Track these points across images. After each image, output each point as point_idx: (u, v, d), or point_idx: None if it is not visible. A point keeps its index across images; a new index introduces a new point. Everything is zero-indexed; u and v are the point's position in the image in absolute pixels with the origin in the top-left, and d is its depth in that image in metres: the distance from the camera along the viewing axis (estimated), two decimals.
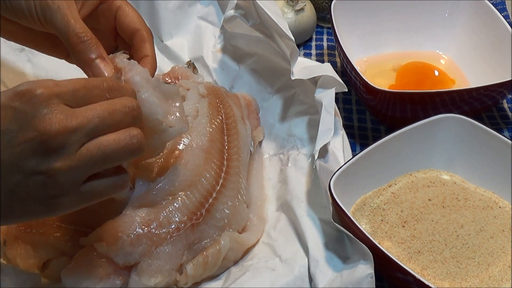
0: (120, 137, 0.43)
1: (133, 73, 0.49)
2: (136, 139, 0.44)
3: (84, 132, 0.41)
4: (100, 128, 0.42)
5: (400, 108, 0.67)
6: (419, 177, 0.63)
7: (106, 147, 0.42)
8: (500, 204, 0.61)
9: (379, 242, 0.53)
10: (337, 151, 0.60)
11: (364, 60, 0.79)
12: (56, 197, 0.42)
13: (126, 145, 0.43)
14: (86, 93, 0.43)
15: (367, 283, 0.49)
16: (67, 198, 0.42)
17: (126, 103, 0.44)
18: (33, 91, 0.40)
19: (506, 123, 0.74)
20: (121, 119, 0.43)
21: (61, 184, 0.41)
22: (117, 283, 0.51)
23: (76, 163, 0.41)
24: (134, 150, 0.44)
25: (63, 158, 0.40)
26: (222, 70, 0.76)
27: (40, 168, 0.40)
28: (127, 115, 0.44)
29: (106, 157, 0.42)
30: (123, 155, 0.43)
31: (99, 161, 0.42)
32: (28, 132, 0.40)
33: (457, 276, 0.54)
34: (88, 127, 0.41)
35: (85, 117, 0.41)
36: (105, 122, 0.42)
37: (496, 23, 0.73)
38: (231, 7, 0.72)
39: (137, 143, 0.44)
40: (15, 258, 0.54)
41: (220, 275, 0.56)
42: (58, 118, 0.40)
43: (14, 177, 0.40)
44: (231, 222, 0.56)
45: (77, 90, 0.42)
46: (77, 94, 0.42)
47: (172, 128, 0.51)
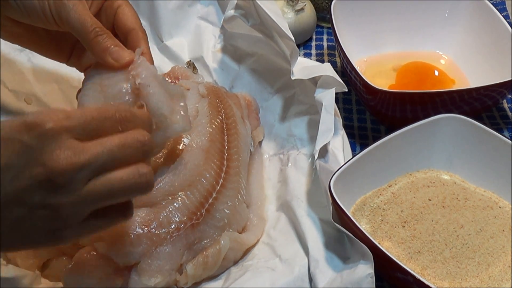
0: (129, 175, 0.42)
1: (142, 69, 0.50)
2: (145, 177, 0.43)
3: (92, 169, 0.40)
4: (109, 164, 0.41)
5: (400, 108, 0.67)
6: (419, 177, 0.63)
7: (113, 184, 0.41)
8: (500, 204, 0.61)
9: (379, 242, 0.53)
10: (337, 151, 0.60)
11: (364, 60, 0.79)
12: (59, 230, 0.41)
13: (134, 184, 0.42)
14: (98, 125, 0.42)
15: (367, 283, 0.49)
16: (70, 231, 0.42)
17: (138, 137, 0.43)
18: (43, 125, 0.39)
19: (506, 123, 0.74)
20: (132, 154, 0.42)
21: (65, 219, 0.41)
22: (117, 283, 0.51)
23: (82, 199, 0.40)
24: (142, 188, 0.43)
25: (69, 194, 0.40)
26: (222, 70, 0.76)
27: (45, 202, 0.40)
28: (138, 150, 0.43)
29: (113, 194, 0.42)
30: (130, 192, 0.43)
31: (104, 198, 0.42)
32: (35, 168, 0.39)
33: (457, 276, 0.54)
34: (96, 164, 0.40)
35: (94, 153, 0.40)
36: (114, 157, 0.41)
37: (496, 23, 0.73)
38: (231, 7, 0.72)
39: (146, 181, 0.43)
40: (15, 258, 0.54)
41: (220, 275, 0.56)
42: (66, 154, 0.39)
43: (18, 210, 0.40)
44: (231, 222, 0.56)
45: (88, 123, 0.41)
46: (87, 127, 0.41)
47: (176, 124, 0.51)
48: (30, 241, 0.42)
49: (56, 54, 0.59)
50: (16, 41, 0.57)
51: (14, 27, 0.55)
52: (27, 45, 0.58)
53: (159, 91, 0.50)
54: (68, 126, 0.40)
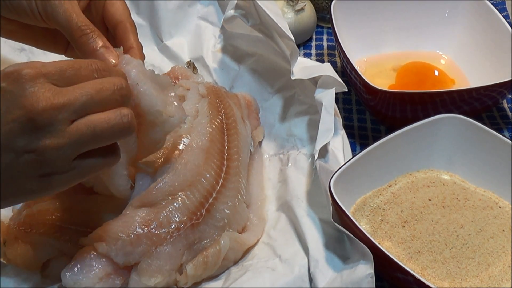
0: (110, 116, 0.43)
1: (129, 67, 0.50)
2: (127, 118, 0.44)
3: (72, 110, 0.41)
4: (88, 106, 0.42)
5: (400, 108, 0.67)
6: (419, 177, 0.63)
7: (96, 125, 0.42)
8: (500, 204, 0.61)
9: (379, 242, 0.53)
10: (337, 151, 0.60)
11: (364, 60, 0.79)
12: (48, 174, 0.42)
13: (116, 124, 0.43)
14: (74, 73, 0.43)
15: (367, 283, 0.49)
16: (59, 175, 0.43)
17: (115, 82, 0.44)
18: (19, 71, 0.41)
19: (506, 123, 0.74)
20: (110, 97, 0.43)
21: (52, 162, 0.42)
22: (117, 283, 0.51)
23: (66, 140, 0.41)
24: (125, 129, 0.44)
25: (52, 136, 0.41)
26: (222, 70, 0.76)
27: (30, 146, 0.41)
28: (116, 93, 0.44)
29: (97, 136, 0.43)
30: (114, 134, 0.44)
31: (89, 140, 0.42)
32: (15, 111, 0.40)
33: (457, 276, 0.54)
34: (75, 105, 0.41)
35: (73, 94, 0.42)
36: (93, 100, 0.42)
37: (496, 23, 0.73)
38: (231, 7, 0.72)
39: (128, 122, 0.44)
40: (15, 258, 0.54)
41: (220, 275, 0.56)
42: (45, 95, 0.40)
43: (5, 157, 0.41)
44: (231, 222, 0.56)
45: (64, 70, 0.43)
46: (64, 74, 0.42)
47: (172, 118, 0.51)
48: (22, 190, 0.43)
49: (53, 47, 0.59)
50: (12, 37, 0.57)
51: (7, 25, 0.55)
52: (22, 40, 0.58)
53: (149, 88, 0.50)
54: (45, 71, 0.41)
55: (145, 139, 0.52)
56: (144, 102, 0.50)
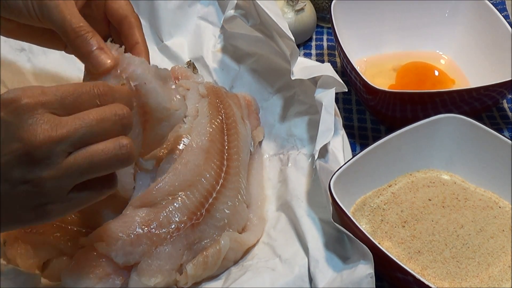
0: (109, 147, 0.42)
1: (134, 67, 0.50)
2: (126, 149, 0.43)
3: (70, 142, 0.41)
4: (87, 137, 0.41)
5: (400, 108, 0.67)
6: (419, 177, 0.63)
7: (94, 157, 0.41)
8: (500, 204, 0.61)
9: (379, 242, 0.53)
10: (337, 151, 0.60)
11: (364, 60, 0.79)
12: (44, 205, 0.42)
13: (115, 156, 0.42)
14: (75, 99, 0.42)
15: (367, 283, 0.49)
16: (55, 205, 0.42)
17: (117, 111, 0.43)
18: (18, 101, 0.40)
19: (506, 123, 0.74)
20: (111, 127, 0.42)
21: (48, 193, 0.41)
22: (117, 283, 0.51)
23: (63, 172, 0.41)
24: (123, 160, 0.43)
25: (49, 168, 0.40)
26: (222, 70, 0.76)
27: (26, 177, 0.40)
28: (117, 124, 0.43)
29: (94, 167, 0.42)
30: (112, 165, 0.43)
31: (86, 171, 0.42)
32: (13, 143, 0.39)
33: (457, 276, 0.54)
34: (74, 137, 0.41)
35: (72, 126, 0.41)
36: (93, 131, 0.41)
37: (496, 23, 0.73)
38: (231, 7, 0.72)
39: (127, 153, 0.43)
40: (15, 258, 0.54)
41: (220, 275, 0.56)
42: (43, 128, 0.40)
43: (1, 187, 0.40)
44: (231, 222, 0.56)
45: (65, 97, 0.41)
46: (64, 101, 0.41)
47: (177, 111, 0.52)
48: (17, 219, 0.42)
49: (52, 44, 0.58)
50: (11, 35, 0.57)
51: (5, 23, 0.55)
52: (21, 38, 0.58)
53: (156, 86, 0.51)
54: (44, 101, 0.40)
55: (152, 134, 0.53)
56: (152, 100, 0.50)
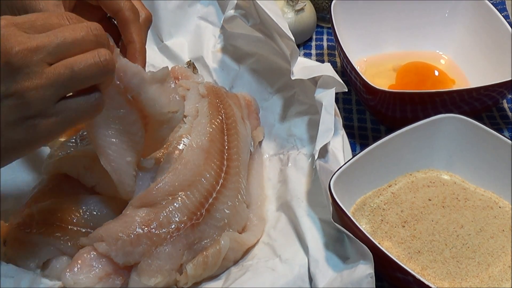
0: (87, 56, 0.43)
1: (128, 77, 0.50)
2: (105, 57, 0.44)
3: (47, 51, 0.42)
4: (63, 48, 0.42)
5: (400, 108, 0.67)
6: (419, 177, 0.63)
7: (74, 66, 0.42)
8: (500, 204, 0.61)
9: (379, 242, 0.53)
10: (337, 151, 0.60)
11: (364, 60, 0.79)
12: (31, 118, 0.42)
13: (95, 63, 0.43)
14: (45, 21, 0.43)
15: (367, 283, 0.49)
16: (44, 120, 0.43)
17: (88, 25, 0.44)
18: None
19: (506, 123, 0.74)
20: (84, 38, 0.43)
21: (33, 104, 0.42)
22: (117, 283, 0.51)
23: (45, 81, 0.41)
24: (104, 69, 0.44)
25: (30, 78, 0.41)
26: (222, 70, 0.76)
27: (9, 90, 0.41)
28: (90, 34, 0.43)
29: (76, 76, 0.43)
30: (93, 74, 0.43)
31: (68, 80, 0.42)
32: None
33: (457, 276, 0.54)
34: (50, 46, 0.42)
35: (46, 37, 0.42)
36: (67, 41, 0.42)
37: (496, 23, 0.73)
38: (231, 7, 0.72)
39: (106, 61, 0.44)
40: (15, 258, 0.54)
41: (220, 275, 0.56)
42: (18, 40, 0.41)
43: None
44: (231, 222, 0.56)
45: (35, 19, 0.43)
46: (35, 23, 0.43)
47: (176, 113, 0.53)
48: (9, 141, 0.43)
49: None
50: None
51: None
52: None
53: (152, 93, 0.51)
54: (16, 21, 0.42)
55: (153, 136, 0.54)
56: (150, 108, 0.51)
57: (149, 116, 0.52)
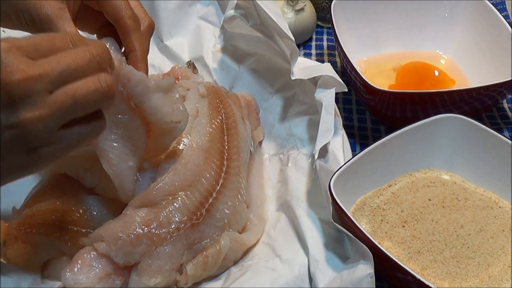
0: (88, 83, 0.42)
1: (132, 84, 0.50)
2: (105, 83, 0.43)
3: (49, 80, 0.41)
4: (65, 76, 0.41)
5: (400, 108, 0.67)
6: (419, 177, 0.63)
7: (75, 93, 0.41)
8: (500, 204, 0.61)
9: (379, 242, 0.53)
10: (337, 151, 0.60)
11: (364, 60, 0.79)
12: (35, 149, 0.41)
13: (96, 89, 0.42)
14: (48, 45, 0.42)
15: (367, 283, 0.49)
16: (47, 148, 0.42)
17: (91, 50, 0.43)
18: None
19: (506, 123, 0.74)
20: (87, 64, 0.43)
21: (36, 135, 0.41)
22: (117, 283, 0.51)
23: (46, 111, 0.40)
24: (105, 94, 0.43)
25: (32, 108, 0.40)
26: (222, 70, 0.76)
27: (11, 121, 0.40)
28: (92, 61, 0.43)
29: (77, 103, 0.42)
30: (94, 100, 0.43)
31: (70, 108, 0.42)
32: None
33: (457, 276, 0.54)
34: (52, 75, 0.41)
35: (48, 65, 0.41)
36: (69, 69, 0.42)
37: (496, 23, 0.73)
38: (231, 7, 0.72)
39: (107, 86, 0.43)
40: (15, 258, 0.54)
41: (220, 275, 0.56)
42: (20, 68, 0.40)
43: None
44: (231, 222, 0.56)
45: (38, 43, 0.42)
46: (38, 47, 0.42)
47: (179, 124, 0.53)
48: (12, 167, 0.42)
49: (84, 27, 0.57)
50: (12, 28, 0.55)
51: None
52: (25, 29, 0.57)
53: (155, 102, 0.51)
54: (19, 45, 0.40)
55: (154, 144, 0.54)
56: (153, 116, 0.51)
57: (151, 124, 0.52)
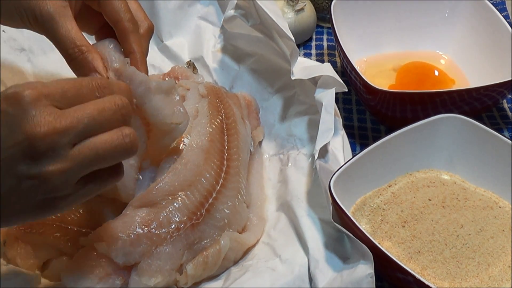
0: (112, 137, 0.42)
1: (135, 85, 0.50)
2: (129, 138, 0.43)
3: (74, 133, 0.40)
4: (90, 128, 0.41)
5: (400, 108, 0.67)
6: (419, 177, 0.63)
7: (99, 148, 0.41)
8: (500, 204, 0.61)
9: (379, 242, 0.53)
10: (337, 151, 0.60)
11: (364, 60, 0.79)
12: (51, 199, 0.41)
13: (119, 145, 0.42)
14: (75, 93, 0.42)
15: (367, 283, 0.49)
16: (64, 199, 0.42)
17: (116, 101, 0.43)
18: (21, 93, 0.39)
19: (506, 123, 0.74)
20: (112, 117, 0.43)
21: (55, 187, 0.41)
22: (117, 283, 0.51)
23: (68, 165, 0.40)
24: (128, 150, 0.43)
25: (54, 161, 0.40)
26: (222, 70, 0.76)
27: (32, 172, 0.39)
28: (117, 113, 0.43)
29: (99, 158, 0.42)
30: (117, 155, 0.43)
31: (92, 162, 0.42)
32: (17, 136, 0.39)
33: (457, 276, 0.54)
34: (78, 128, 0.41)
35: (75, 117, 0.41)
36: (95, 122, 0.41)
37: (496, 23, 0.73)
38: (231, 7, 0.72)
39: (130, 142, 0.43)
40: (15, 258, 0.54)
41: (220, 275, 0.56)
42: (47, 120, 0.39)
43: (6, 182, 0.40)
44: (231, 222, 0.56)
45: (66, 90, 0.41)
46: (66, 95, 0.41)
47: (180, 125, 0.53)
48: (25, 214, 0.42)
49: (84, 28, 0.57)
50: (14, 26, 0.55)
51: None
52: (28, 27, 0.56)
53: (156, 103, 0.51)
54: (46, 93, 0.40)
55: (155, 145, 0.54)
56: (154, 117, 0.52)
57: (151, 124, 0.53)
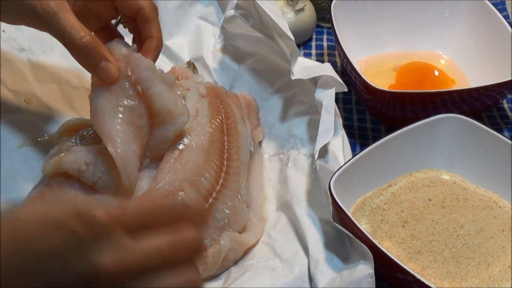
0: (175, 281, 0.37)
1: (140, 70, 0.52)
2: (194, 284, 0.38)
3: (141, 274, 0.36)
4: (157, 266, 0.37)
5: (400, 108, 0.67)
6: (419, 177, 0.63)
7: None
8: (500, 204, 0.61)
9: (379, 242, 0.53)
10: (337, 151, 0.60)
11: (364, 60, 0.79)
12: None
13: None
14: (152, 218, 0.38)
15: (367, 283, 0.49)
16: None
17: (188, 236, 0.39)
18: (96, 218, 0.35)
19: (506, 123, 0.74)
20: (181, 252, 0.38)
21: None
22: None
23: None
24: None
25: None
26: (222, 70, 0.76)
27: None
28: (187, 250, 0.39)
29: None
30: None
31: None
32: (82, 262, 0.34)
33: (457, 276, 0.54)
34: (145, 266, 0.36)
35: (144, 256, 0.36)
36: (163, 258, 0.37)
37: (496, 23, 0.73)
38: (231, 7, 0.72)
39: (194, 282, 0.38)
40: None
41: (220, 275, 0.56)
42: (116, 255, 0.35)
43: None
44: (231, 222, 0.56)
45: (144, 217, 0.38)
46: (141, 220, 0.38)
47: (181, 116, 0.55)
48: None
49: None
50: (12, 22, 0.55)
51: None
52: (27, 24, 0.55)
53: (161, 90, 0.53)
54: (123, 221, 0.36)
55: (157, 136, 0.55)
56: (157, 104, 0.53)
57: (155, 114, 0.54)
